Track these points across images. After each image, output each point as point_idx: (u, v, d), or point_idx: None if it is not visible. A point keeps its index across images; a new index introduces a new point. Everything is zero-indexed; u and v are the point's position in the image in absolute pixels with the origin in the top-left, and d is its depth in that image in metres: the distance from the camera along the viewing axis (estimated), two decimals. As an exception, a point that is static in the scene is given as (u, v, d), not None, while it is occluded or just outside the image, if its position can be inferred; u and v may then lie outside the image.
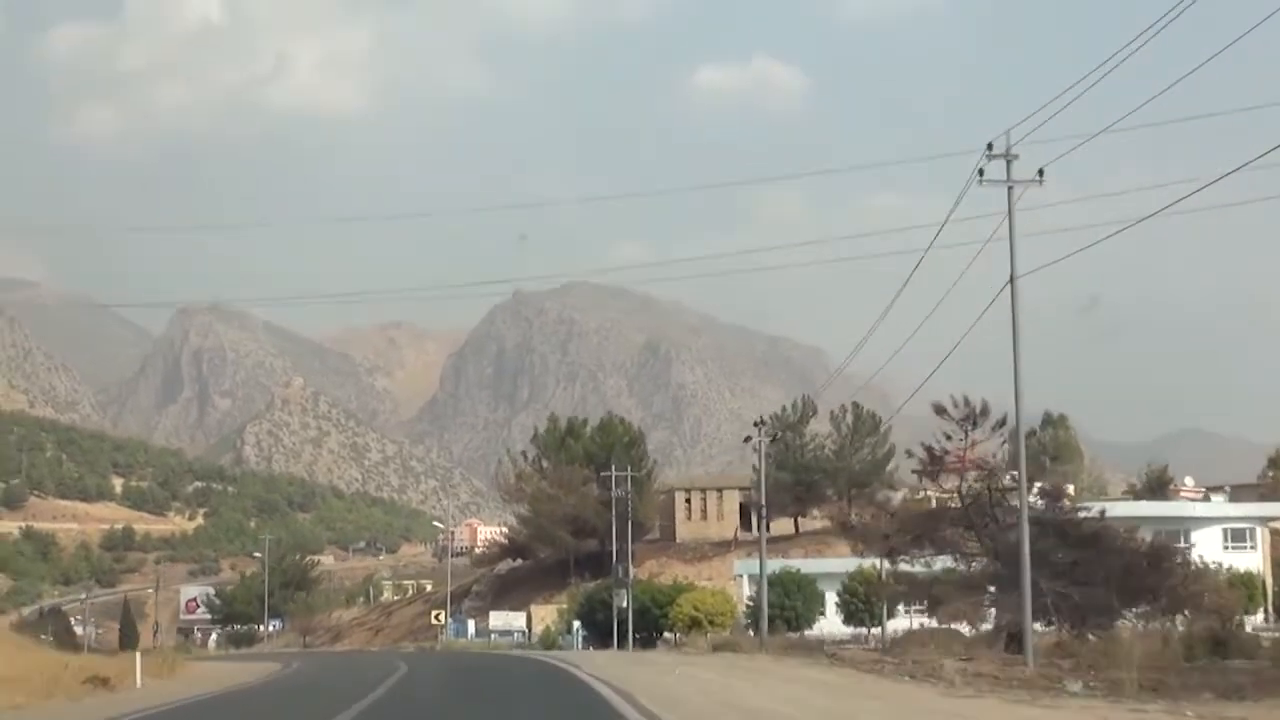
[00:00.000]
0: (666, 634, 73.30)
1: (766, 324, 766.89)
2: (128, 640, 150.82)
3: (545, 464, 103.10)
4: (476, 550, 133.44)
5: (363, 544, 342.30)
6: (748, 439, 67.39)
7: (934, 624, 49.48)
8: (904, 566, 47.69)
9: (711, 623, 68.50)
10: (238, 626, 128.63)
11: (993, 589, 42.92)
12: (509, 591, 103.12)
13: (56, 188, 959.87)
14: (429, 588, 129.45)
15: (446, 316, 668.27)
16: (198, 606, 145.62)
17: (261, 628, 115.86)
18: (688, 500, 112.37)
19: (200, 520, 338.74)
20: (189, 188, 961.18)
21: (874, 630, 65.35)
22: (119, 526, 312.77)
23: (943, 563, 46.24)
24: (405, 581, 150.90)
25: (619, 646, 68.78)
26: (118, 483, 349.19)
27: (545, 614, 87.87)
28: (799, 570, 71.13)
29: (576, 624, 77.33)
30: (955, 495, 44.46)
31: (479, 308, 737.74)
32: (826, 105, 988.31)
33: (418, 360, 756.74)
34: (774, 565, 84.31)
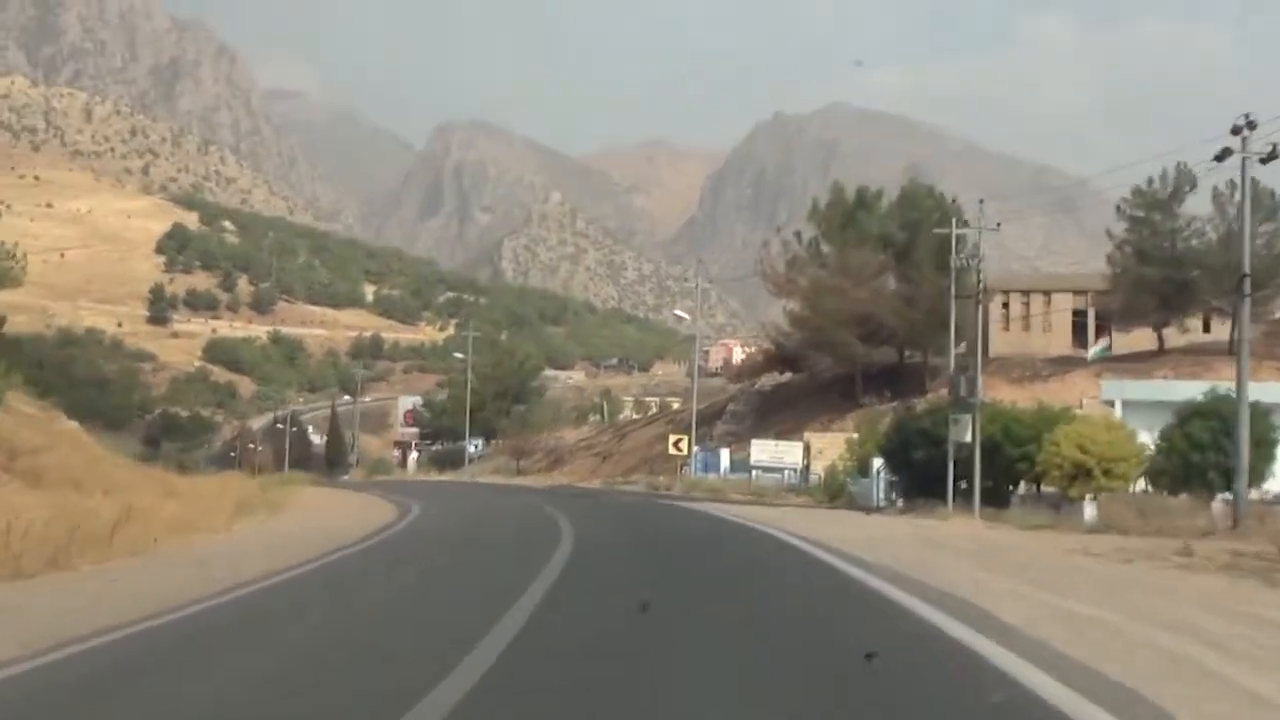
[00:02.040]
0: (1024, 485, 46.64)
1: (1033, 152, 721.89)
2: (335, 454, 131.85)
3: (825, 249, 76.44)
4: (735, 363, 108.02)
5: (615, 361, 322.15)
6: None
7: None
8: None
9: (1106, 473, 41.63)
10: (445, 444, 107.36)
11: None
12: (774, 413, 77.09)
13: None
14: (676, 405, 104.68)
15: (706, 137, 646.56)
16: (414, 420, 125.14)
17: (471, 445, 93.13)
18: (1005, 305, 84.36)
19: (451, 330, 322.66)
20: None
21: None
22: (367, 334, 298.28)
23: None
24: (649, 399, 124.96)
25: (955, 501, 42.51)
26: (369, 290, 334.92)
27: (826, 445, 62.04)
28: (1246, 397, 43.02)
29: (878, 463, 51.06)
30: None
31: (738, 128, 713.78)
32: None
33: (676, 180, 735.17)
34: (1162, 389, 57.10)
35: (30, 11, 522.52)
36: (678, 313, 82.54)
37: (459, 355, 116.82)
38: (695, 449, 64.02)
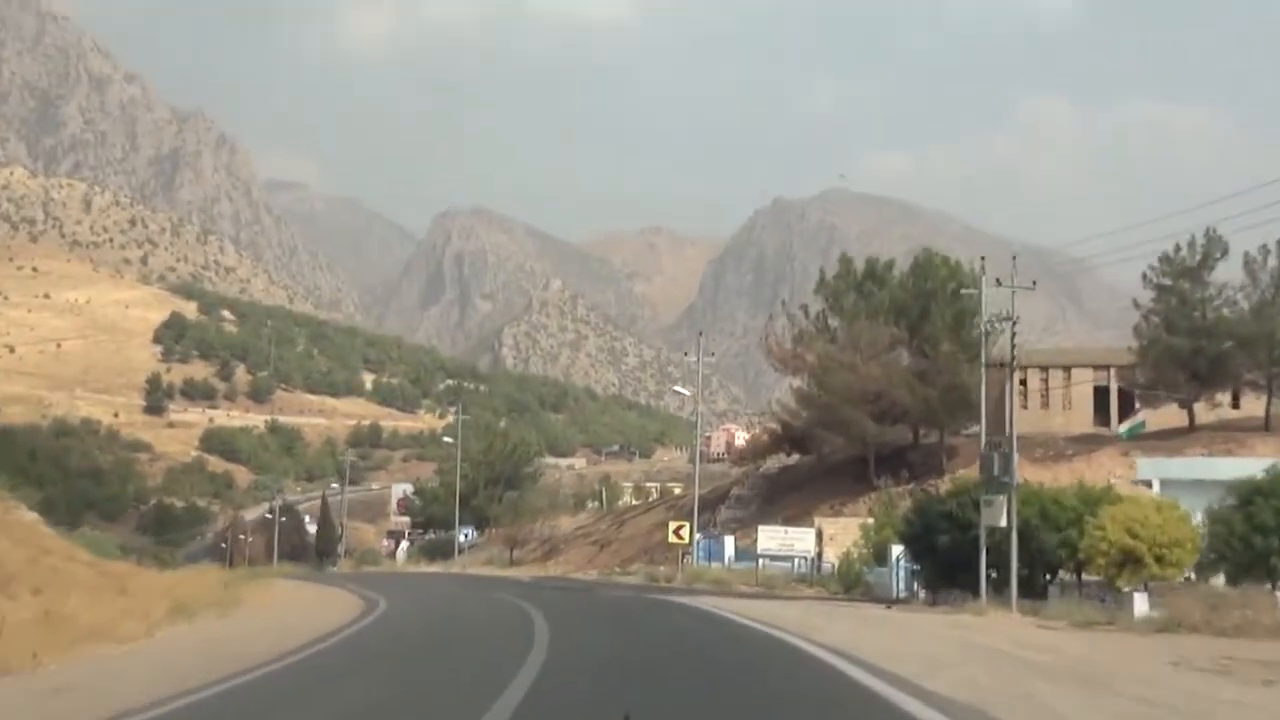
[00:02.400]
0: (1063, 574, 41.90)
1: (1034, 234, 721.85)
2: (325, 544, 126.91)
3: (834, 323, 71.96)
4: (736, 445, 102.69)
5: (616, 447, 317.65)
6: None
7: None
8: None
9: (1159, 559, 36.96)
10: (437, 533, 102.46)
11: None
12: (781, 497, 72.32)
13: (329, 96, 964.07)
14: (677, 490, 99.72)
15: (706, 223, 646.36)
16: (405, 508, 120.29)
17: (462, 534, 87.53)
18: (1023, 381, 79.81)
19: (450, 419, 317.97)
20: (456, 93, 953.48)
21: None
22: (366, 422, 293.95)
23: None
24: (649, 484, 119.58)
25: (989, 594, 37.83)
26: (368, 379, 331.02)
27: (839, 530, 57.38)
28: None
29: (896, 550, 46.45)
30: None
31: (738, 214, 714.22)
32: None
33: (677, 266, 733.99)
34: (1203, 467, 52.85)
35: (31, 104, 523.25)
36: (678, 389, 77.73)
37: (448, 439, 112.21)
38: (698, 536, 59.22)
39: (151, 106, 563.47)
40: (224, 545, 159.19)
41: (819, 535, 52.88)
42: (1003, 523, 37.68)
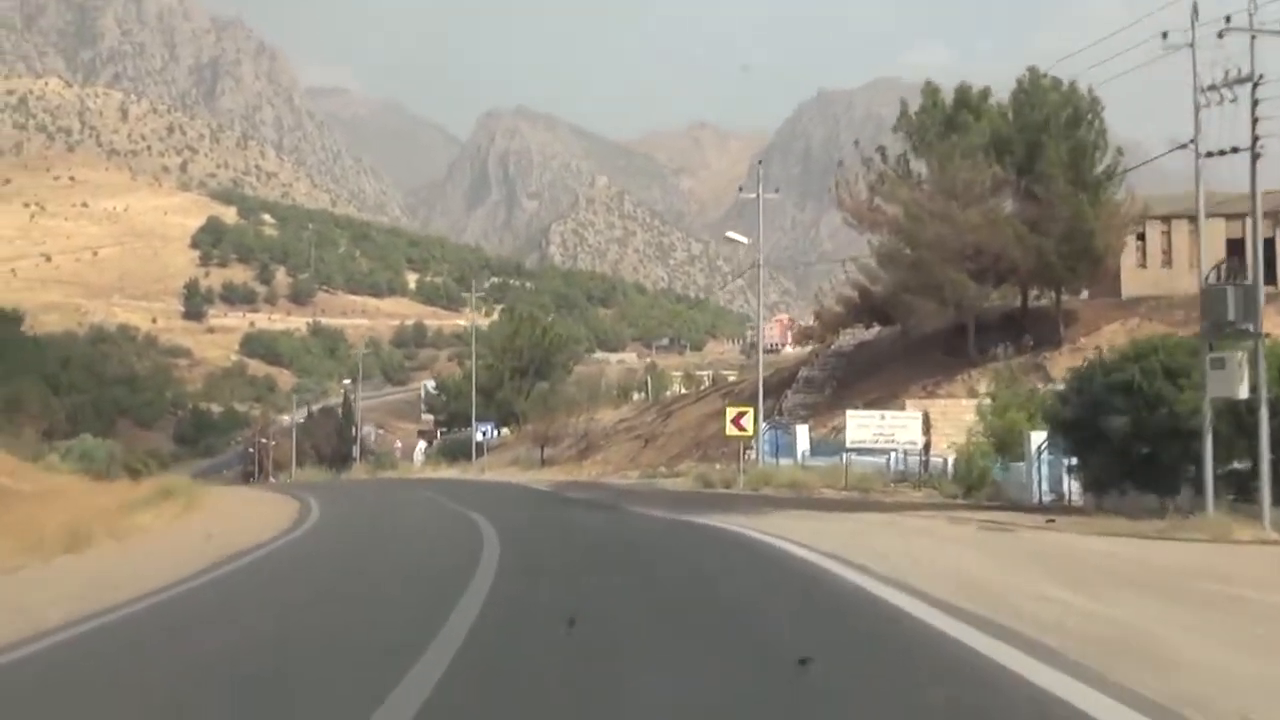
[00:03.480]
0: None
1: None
2: (346, 447, 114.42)
3: (919, 168, 57.74)
4: (800, 325, 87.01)
5: (666, 341, 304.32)
6: None
7: None
8: None
9: None
10: (460, 431, 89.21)
11: None
12: (859, 379, 58.31)
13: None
14: (731, 377, 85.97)
15: (750, 117, 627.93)
16: (430, 406, 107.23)
17: (480, 432, 73.04)
18: (1140, 236, 65.45)
19: (495, 316, 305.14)
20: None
21: None
22: (410, 322, 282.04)
23: None
24: (700, 373, 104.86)
25: (1188, 497, 24.43)
26: (411, 279, 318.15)
27: (938, 416, 44.03)
28: None
29: (1036, 439, 33.16)
30: None
31: (783, 107, 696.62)
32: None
33: (722, 161, 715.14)
34: None
35: (68, 16, 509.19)
36: (732, 235, 61.82)
37: (462, 322, 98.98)
38: (763, 427, 45.79)
39: (189, 15, 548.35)
40: (250, 451, 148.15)
41: (927, 421, 39.37)
42: (1241, 392, 24.12)
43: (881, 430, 38.21)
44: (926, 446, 38.85)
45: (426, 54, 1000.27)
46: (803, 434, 47.21)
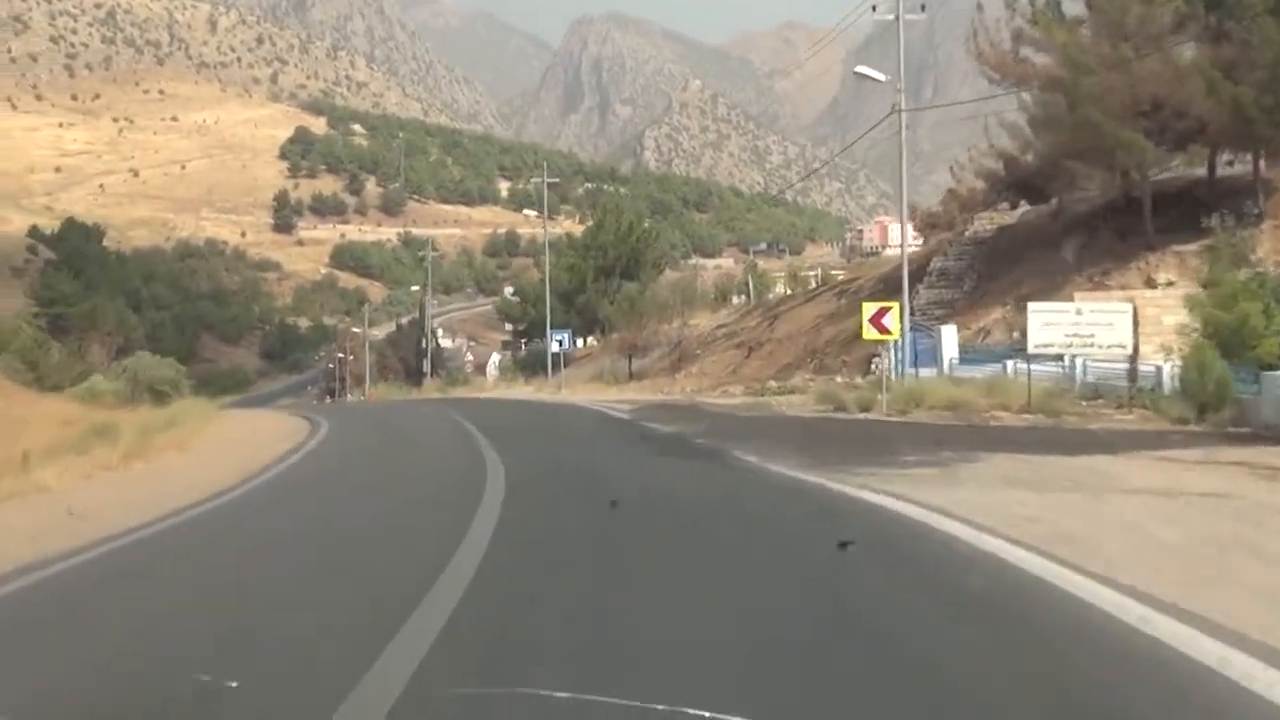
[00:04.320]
0: None
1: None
2: (419, 363, 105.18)
3: (1071, 9, 46.25)
4: (925, 209, 72.64)
5: (764, 245, 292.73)
6: None
7: None
8: None
9: None
10: (538, 342, 78.69)
11: None
12: (1006, 270, 46.86)
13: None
14: (840, 276, 74.69)
15: (843, 14, 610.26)
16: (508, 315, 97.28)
17: (555, 341, 60.64)
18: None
19: (590, 222, 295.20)
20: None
21: None
22: (502, 230, 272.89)
23: None
24: (808, 273, 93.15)
25: None
26: (503, 187, 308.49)
27: (1139, 305, 33.14)
28: None
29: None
30: None
31: (878, 5, 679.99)
32: None
33: (815, 62, 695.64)
34: None
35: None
36: (863, 70, 48.83)
37: (529, 212, 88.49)
38: (906, 327, 34.69)
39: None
40: (330, 366, 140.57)
41: (1135, 317, 28.60)
42: None
43: (1077, 329, 27.52)
44: (1135, 351, 28.26)
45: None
46: (949, 336, 36.57)
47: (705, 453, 20.16)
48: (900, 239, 48.40)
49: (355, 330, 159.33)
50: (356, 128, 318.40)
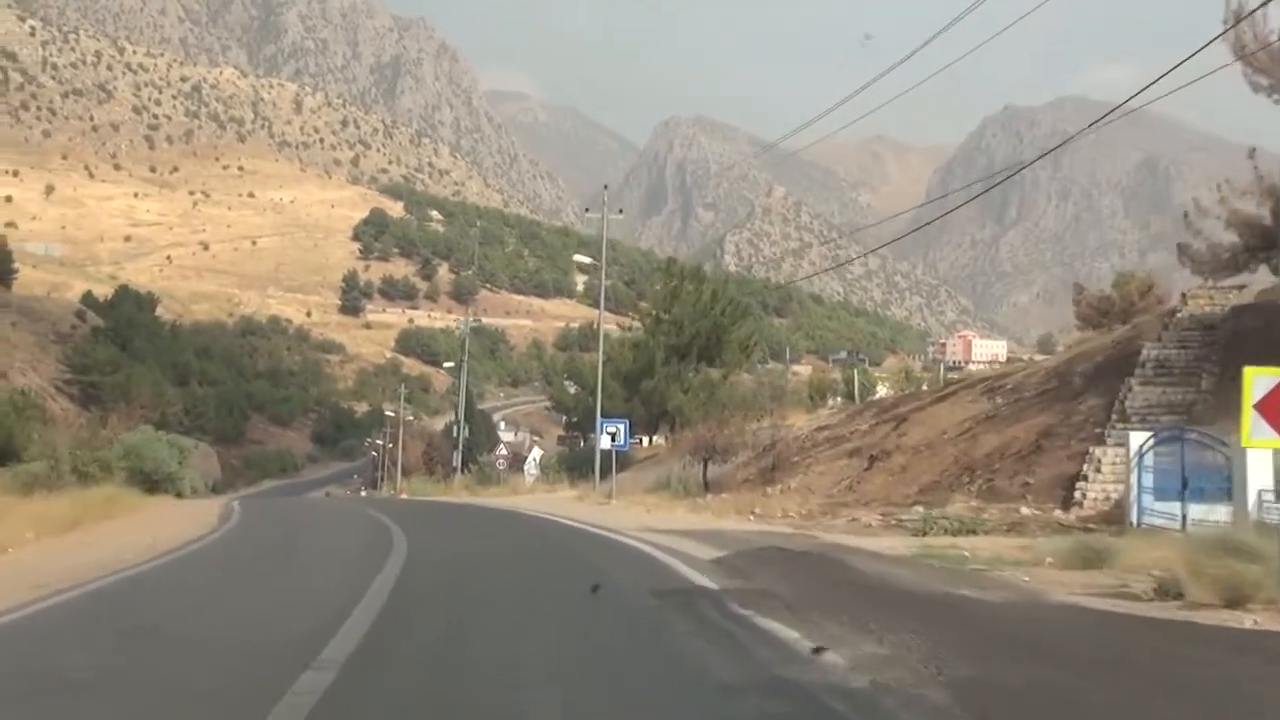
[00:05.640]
0: None
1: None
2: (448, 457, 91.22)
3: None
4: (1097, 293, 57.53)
5: (844, 353, 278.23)
6: None
7: None
8: None
9: None
10: (583, 438, 63.91)
11: None
12: (1259, 360, 32.59)
13: (547, 10, 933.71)
14: (973, 368, 59.49)
15: (931, 130, 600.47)
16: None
17: (605, 434, 44.15)
18: None
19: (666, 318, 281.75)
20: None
21: None
22: (575, 325, 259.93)
23: None
24: (922, 373, 77.75)
25: None
26: (580, 281, 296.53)
27: None
28: None
29: None
30: None
31: (965, 122, 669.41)
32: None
33: (902, 175, 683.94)
34: None
35: (252, 11, 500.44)
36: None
37: (583, 260, 73.91)
38: (1147, 441, 20.22)
39: (373, 13, 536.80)
40: (374, 455, 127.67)
41: None
42: None
43: None
44: None
45: (605, 61, 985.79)
46: (1259, 460, 21.78)
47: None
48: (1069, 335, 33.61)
49: (409, 419, 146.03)
50: (434, 213, 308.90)
